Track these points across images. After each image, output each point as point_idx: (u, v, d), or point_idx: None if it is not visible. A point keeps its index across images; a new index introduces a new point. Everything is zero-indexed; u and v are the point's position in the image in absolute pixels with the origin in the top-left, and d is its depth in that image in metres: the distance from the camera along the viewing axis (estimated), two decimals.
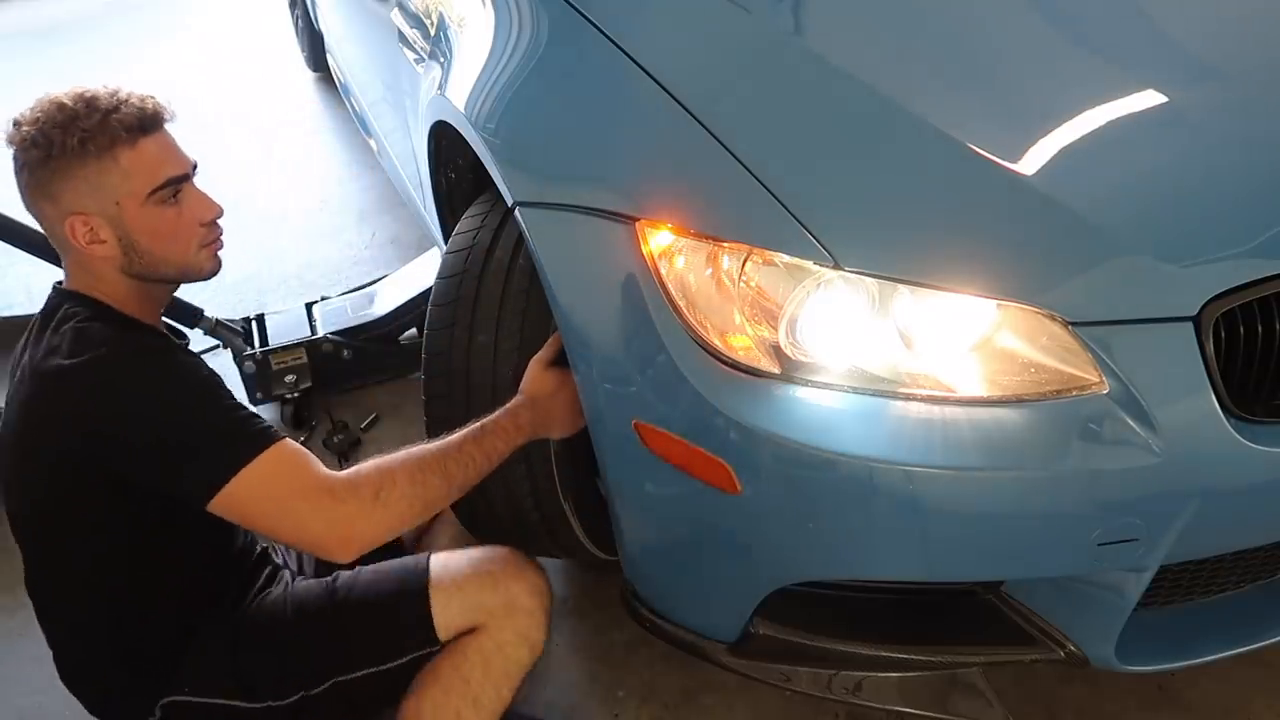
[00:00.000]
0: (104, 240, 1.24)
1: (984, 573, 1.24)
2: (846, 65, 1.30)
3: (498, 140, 1.40)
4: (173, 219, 1.27)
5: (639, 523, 1.34)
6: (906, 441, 1.10)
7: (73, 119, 1.21)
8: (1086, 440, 1.09)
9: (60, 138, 1.20)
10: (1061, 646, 1.26)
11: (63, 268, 1.32)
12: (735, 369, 1.14)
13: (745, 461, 1.14)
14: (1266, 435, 1.10)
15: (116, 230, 1.24)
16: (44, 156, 1.21)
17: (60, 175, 1.21)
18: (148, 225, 1.25)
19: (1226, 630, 1.34)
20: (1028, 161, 1.17)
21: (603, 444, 1.28)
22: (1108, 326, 1.08)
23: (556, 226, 1.28)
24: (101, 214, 1.23)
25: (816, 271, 1.12)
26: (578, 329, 1.25)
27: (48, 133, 1.20)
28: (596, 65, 1.38)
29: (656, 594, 1.41)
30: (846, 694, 1.35)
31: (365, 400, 2.47)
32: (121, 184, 1.23)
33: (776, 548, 1.22)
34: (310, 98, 4.48)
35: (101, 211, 1.23)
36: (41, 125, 1.21)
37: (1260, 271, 1.09)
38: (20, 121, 1.23)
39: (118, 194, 1.23)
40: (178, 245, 1.29)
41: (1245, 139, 1.23)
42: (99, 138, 1.21)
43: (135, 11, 5.91)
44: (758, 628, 1.31)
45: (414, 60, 1.87)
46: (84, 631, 1.34)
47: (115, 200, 1.23)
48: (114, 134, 1.22)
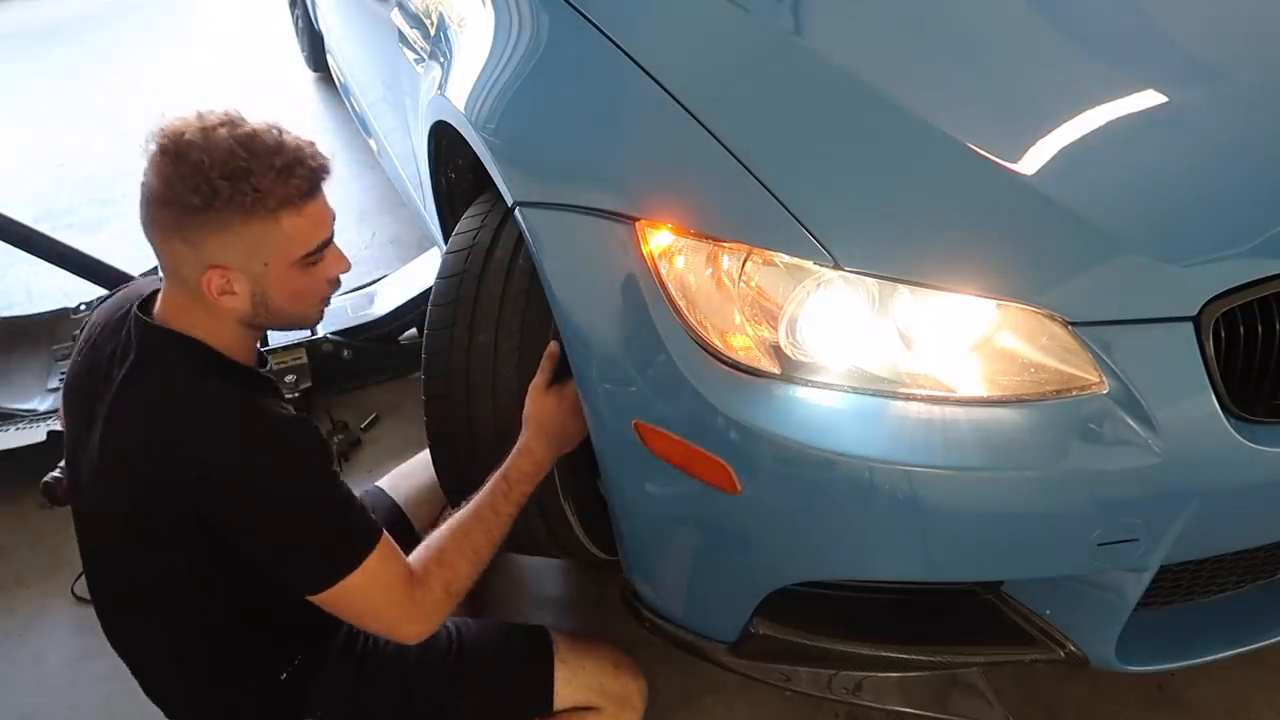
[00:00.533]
0: (236, 293, 1.17)
1: (984, 573, 1.24)
2: (846, 65, 1.30)
3: (498, 140, 1.40)
4: (310, 279, 1.22)
5: (639, 523, 1.34)
6: (906, 441, 1.10)
7: (245, 173, 1.11)
8: (1086, 440, 1.09)
9: (229, 191, 1.10)
10: (1061, 646, 1.26)
11: (162, 296, 1.23)
12: (735, 369, 1.14)
13: (745, 461, 1.14)
14: (1266, 435, 1.10)
15: (254, 287, 1.18)
16: (203, 205, 1.11)
17: (214, 226, 1.12)
18: (287, 286, 1.20)
19: (1227, 630, 1.34)
20: (1028, 161, 1.17)
21: (603, 444, 1.28)
22: (1108, 326, 1.08)
23: (556, 226, 1.28)
24: (244, 270, 1.16)
25: (816, 271, 1.12)
26: (578, 329, 1.25)
27: (214, 181, 1.10)
28: (596, 65, 1.38)
29: (656, 594, 1.41)
30: (846, 694, 1.35)
31: (365, 400, 2.47)
32: (278, 247, 1.16)
33: (776, 548, 1.22)
34: (310, 98, 4.48)
35: (245, 268, 1.16)
36: (206, 170, 1.10)
37: (1260, 271, 1.09)
38: (175, 152, 1.11)
39: (269, 255, 1.16)
40: (306, 303, 1.26)
41: (1245, 139, 1.23)
42: (269, 200, 1.12)
43: (135, 11, 5.90)
44: (757, 628, 1.30)
45: (414, 60, 1.87)
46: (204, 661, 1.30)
47: (265, 260, 1.16)
48: (286, 198, 1.14)
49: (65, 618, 1.97)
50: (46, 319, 2.69)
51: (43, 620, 1.97)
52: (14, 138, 4.33)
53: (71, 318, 2.68)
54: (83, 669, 1.85)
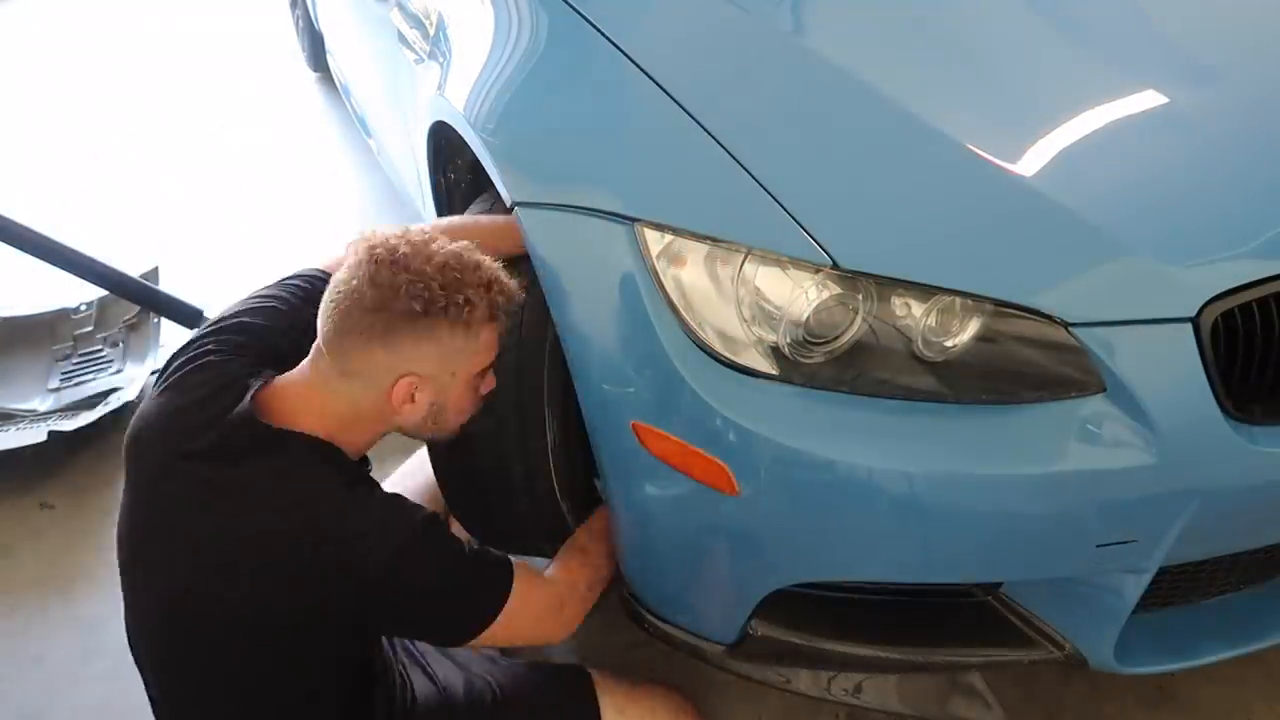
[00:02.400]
0: (416, 403, 1.20)
1: (982, 574, 1.24)
2: (845, 65, 1.29)
3: (497, 140, 1.40)
4: (476, 392, 1.27)
5: (637, 524, 1.34)
6: (905, 443, 1.10)
7: (460, 284, 1.16)
8: (1085, 441, 1.09)
9: (445, 298, 1.14)
10: (1060, 648, 1.26)
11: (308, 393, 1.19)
12: (734, 370, 1.14)
13: (744, 463, 1.14)
14: (1265, 436, 1.10)
15: (436, 398, 1.21)
16: (419, 312, 1.14)
17: (422, 332, 1.15)
18: (462, 398, 1.24)
19: (1226, 632, 1.34)
20: (1027, 162, 1.17)
21: (601, 445, 1.28)
22: (1107, 327, 1.08)
23: (555, 227, 1.28)
24: (434, 380, 1.19)
25: (815, 272, 1.12)
26: (576, 329, 1.25)
27: (431, 288, 1.14)
28: (595, 66, 1.38)
29: (655, 595, 1.41)
30: (846, 695, 1.36)
31: None
32: (470, 358, 1.21)
33: (775, 549, 1.22)
34: (310, 98, 4.48)
35: (435, 378, 1.19)
36: (426, 277, 1.14)
37: (1259, 272, 1.09)
38: (393, 260, 1.15)
39: (461, 366, 1.20)
40: (465, 416, 1.28)
41: (1244, 139, 1.23)
42: (478, 309, 1.18)
43: (135, 10, 5.91)
44: (756, 629, 1.30)
45: (413, 60, 1.87)
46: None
47: (453, 370, 1.20)
48: (487, 313, 1.20)
49: (65, 618, 1.97)
50: (47, 319, 2.69)
51: (43, 620, 1.97)
52: None
53: (72, 318, 2.68)
54: (83, 669, 1.85)
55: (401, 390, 1.18)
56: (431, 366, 1.18)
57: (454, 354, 1.19)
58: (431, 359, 1.18)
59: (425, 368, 1.18)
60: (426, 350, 1.17)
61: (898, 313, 1.12)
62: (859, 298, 1.12)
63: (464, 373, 1.22)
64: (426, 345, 1.17)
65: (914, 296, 1.11)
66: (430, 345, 1.17)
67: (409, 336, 1.15)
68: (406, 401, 1.19)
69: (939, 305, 1.11)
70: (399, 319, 1.14)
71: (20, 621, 1.98)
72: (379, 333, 1.15)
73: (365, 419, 1.21)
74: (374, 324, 1.14)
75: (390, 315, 1.14)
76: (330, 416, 1.19)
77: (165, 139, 4.19)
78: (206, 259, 3.24)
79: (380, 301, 1.14)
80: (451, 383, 1.21)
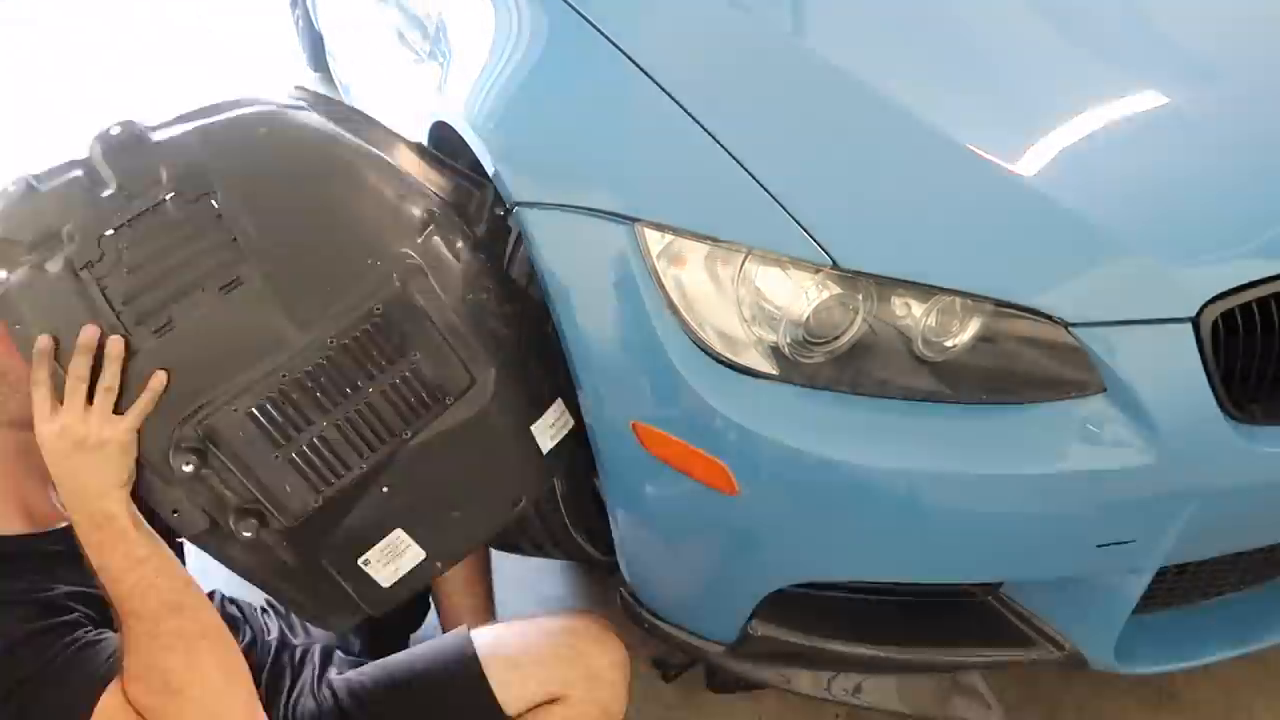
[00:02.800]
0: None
1: (982, 574, 1.24)
2: (845, 65, 1.29)
3: (497, 140, 1.40)
4: None
5: (637, 524, 1.34)
6: (905, 443, 1.10)
7: None
8: (1085, 441, 1.08)
9: None
10: (1060, 648, 1.26)
11: None
12: (734, 370, 1.14)
13: (744, 463, 1.14)
14: (1265, 437, 1.10)
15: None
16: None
17: None
18: None
19: (1226, 632, 1.34)
20: (1027, 161, 1.17)
21: (601, 445, 1.28)
22: (1106, 327, 1.08)
23: (555, 226, 1.28)
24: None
25: (815, 272, 1.12)
26: (576, 329, 1.25)
27: None
28: (595, 65, 1.38)
29: (655, 595, 1.41)
30: (846, 695, 1.36)
31: None
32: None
33: (775, 549, 1.22)
34: None
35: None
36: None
37: (1260, 272, 1.09)
38: None
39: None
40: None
41: (1244, 139, 1.23)
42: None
43: (135, 8, 5.90)
44: (756, 629, 1.30)
45: (413, 60, 1.87)
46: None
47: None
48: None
49: None
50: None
51: None
52: None
53: None
54: None
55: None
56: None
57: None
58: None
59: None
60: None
61: (898, 313, 1.12)
62: (859, 298, 1.12)
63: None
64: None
65: (914, 296, 1.11)
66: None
67: None
68: None
69: (939, 305, 1.11)
70: None
71: None
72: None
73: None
74: None
75: None
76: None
77: None
78: None
79: None
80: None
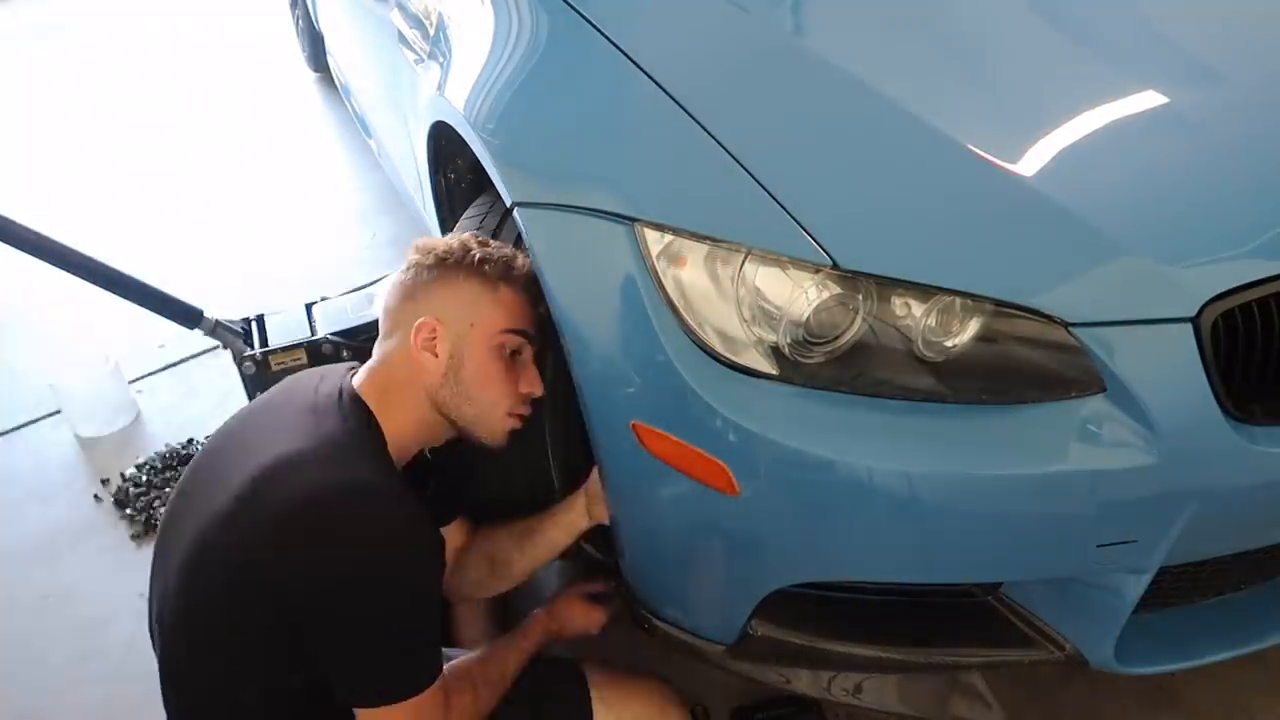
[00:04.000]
0: (437, 354, 1.28)
1: (982, 574, 1.24)
2: (845, 66, 1.29)
3: (496, 140, 1.40)
4: (502, 372, 1.30)
5: (637, 524, 1.34)
6: (905, 443, 1.10)
7: (469, 248, 1.32)
8: (1085, 441, 1.08)
9: (459, 254, 1.31)
10: (1060, 648, 1.26)
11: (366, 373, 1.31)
12: (734, 370, 1.14)
13: (744, 463, 1.14)
14: (1265, 437, 1.10)
15: (454, 349, 1.28)
16: (434, 264, 1.31)
17: (439, 282, 1.30)
18: (483, 363, 1.29)
19: (1226, 632, 1.34)
20: (1027, 162, 1.17)
21: (601, 445, 1.28)
22: (1106, 327, 1.08)
23: (555, 227, 1.28)
24: (452, 327, 1.28)
25: (815, 272, 1.12)
26: (576, 329, 1.25)
27: (453, 248, 1.32)
28: (595, 65, 1.38)
29: (655, 595, 1.41)
30: (846, 695, 1.36)
31: None
32: (486, 310, 1.29)
33: (775, 549, 1.22)
34: (310, 98, 4.48)
35: (453, 325, 1.28)
36: (447, 248, 1.32)
37: (1260, 272, 1.09)
38: (424, 248, 1.34)
39: (478, 316, 1.29)
40: (492, 397, 1.30)
41: (1244, 140, 1.23)
42: (493, 265, 1.31)
43: (137, 11, 5.91)
44: (756, 629, 1.30)
45: (413, 60, 1.87)
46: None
47: (471, 322, 1.29)
48: (505, 269, 1.31)
49: (66, 618, 1.97)
50: None
51: (43, 620, 1.97)
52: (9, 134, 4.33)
53: None
54: (83, 669, 1.85)
55: (422, 333, 1.27)
56: (449, 310, 1.29)
57: (470, 302, 1.29)
58: (449, 303, 1.29)
59: (443, 311, 1.29)
60: (444, 294, 1.30)
61: (898, 313, 1.12)
62: (859, 298, 1.12)
63: (482, 325, 1.29)
64: (444, 290, 1.30)
65: (914, 296, 1.11)
66: (447, 290, 1.30)
67: (430, 285, 1.31)
68: (428, 350, 1.27)
69: (939, 305, 1.11)
70: (420, 274, 1.32)
71: (21, 622, 1.98)
72: (408, 290, 1.32)
73: (398, 382, 1.28)
74: (407, 285, 1.33)
75: (414, 273, 1.32)
76: (375, 384, 1.29)
77: (164, 139, 4.19)
78: (206, 259, 3.24)
79: (411, 271, 1.33)
80: (469, 334, 1.28)
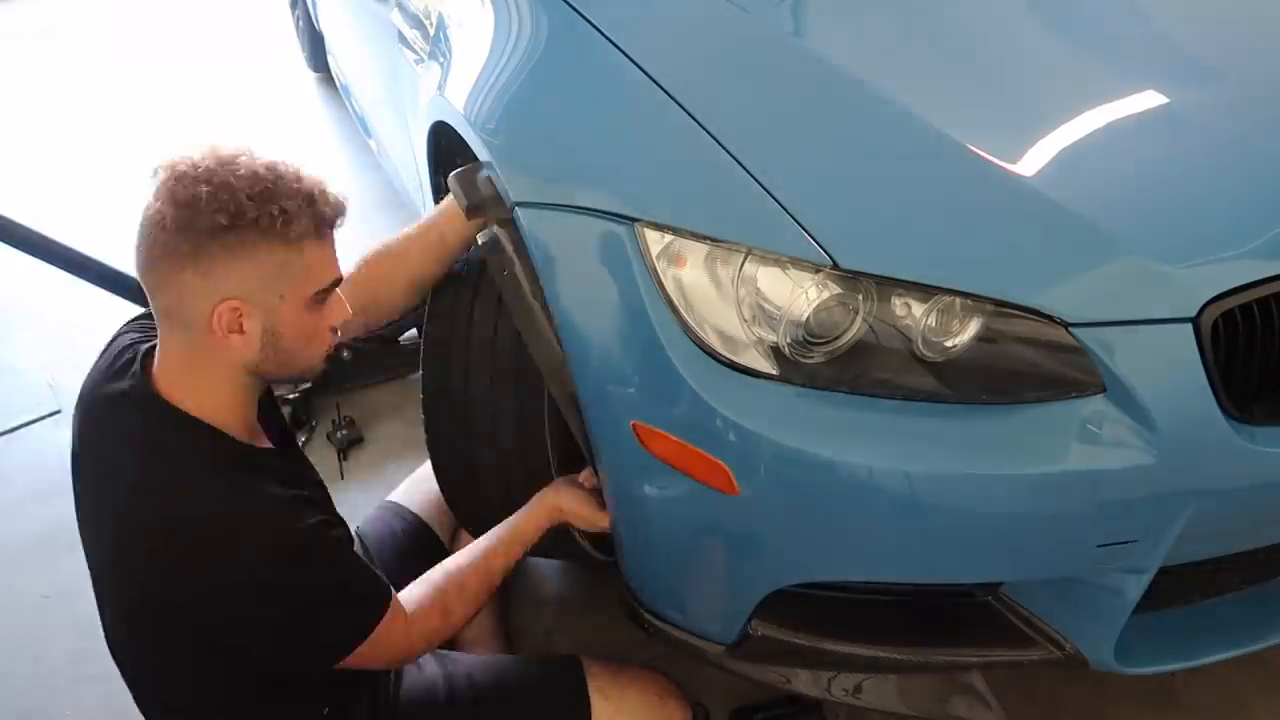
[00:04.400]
0: (246, 333, 1.09)
1: (982, 574, 1.24)
2: (845, 66, 1.29)
3: (497, 140, 1.40)
4: (317, 321, 1.15)
5: (637, 524, 1.34)
6: (905, 443, 1.10)
7: (272, 195, 1.05)
8: (1085, 441, 1.08)
9: (255, 211, 1.04)
10: (1060, 648, 1.26)
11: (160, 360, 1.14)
12: (734, 370, 1.14)
13: (744, 463, 1.14)
14: (1265, 437, 1.10)
15: (266, 323, 1.09)
16: (225, 226, 1.03)
17: (234, 251, 1.04)
18: (299, 324, 1.12)
19: (1227, 632, 1.34)
20: (1027, 162, 1.17)
21: (601, 445, 1.28)
22: (1107, 327, 1.08)
23: (555, 227, 1.28)
24: (258, 304, 1.08)
25: (815, 272, 1.12)
26: (576, 329, 1.25)
27: (239, 200, 1.03)
28: (595, 66, 1.38)
29: (655, 595, 1.41)
30: (846, 695, 1.35)
31: (367, 400, 2.48)
32: (297, 278, 1.09)
33: (775, 549, 1.22)
34: (310, 98, 4.48)
35: (261, 302, 1.08)
36: (234, 189, 1.03)
37: (1260, 272, 1.09)
38: (195, 176, 1.04)
39: (287, 287, 1.09)
40: (314, 348, 1.17)
41: (1244, 140, 1.23)
42: (299, 223, 1.07)
43: (137, 11, 5.91)
44: (756, 629, 1.30)
45: (413, 60, 1.87)
46: None
47: (281, 292, 1.09)
48: (310, 226, 1.09)
49: (66, 618, 1.97)
50: None
51: (43, 620, 1.97)
52: None
53: None
54: (83, 669, 1.85)
55: (224, 317, 1.06)
56: (252, 287, 1.07)
57: (276, 274, 1.08)
58: (251, 279, 1.06)
59: (245, 289, 1.06)
60: (242, 269, 1.05)
61: (898, 313, 1.12)
62: (859, 298, 1.12)
63: (294, 295, 1.10)
64: (241, 263, 1.05)
65: (914, 296, 1.11)
66: (245, 263, 1.05)
67: (220, 255, 1.04)
68: (235, 331, 1.08)
69: (939, 305, 1.11)
70: (205, 236, 1.03)
71: (21, 622, 1.98)
72: (186, 254, 1.04)
73: (205, 376, 1.11)
74: (180, 247, 1.04)
75: (195, 234, 1.03)
76: (182, 379, 1.11)
77: (165, 139, 4.19)
78: None
79: (184, 220, 1.03)
80: (280, 305, 1.09)
